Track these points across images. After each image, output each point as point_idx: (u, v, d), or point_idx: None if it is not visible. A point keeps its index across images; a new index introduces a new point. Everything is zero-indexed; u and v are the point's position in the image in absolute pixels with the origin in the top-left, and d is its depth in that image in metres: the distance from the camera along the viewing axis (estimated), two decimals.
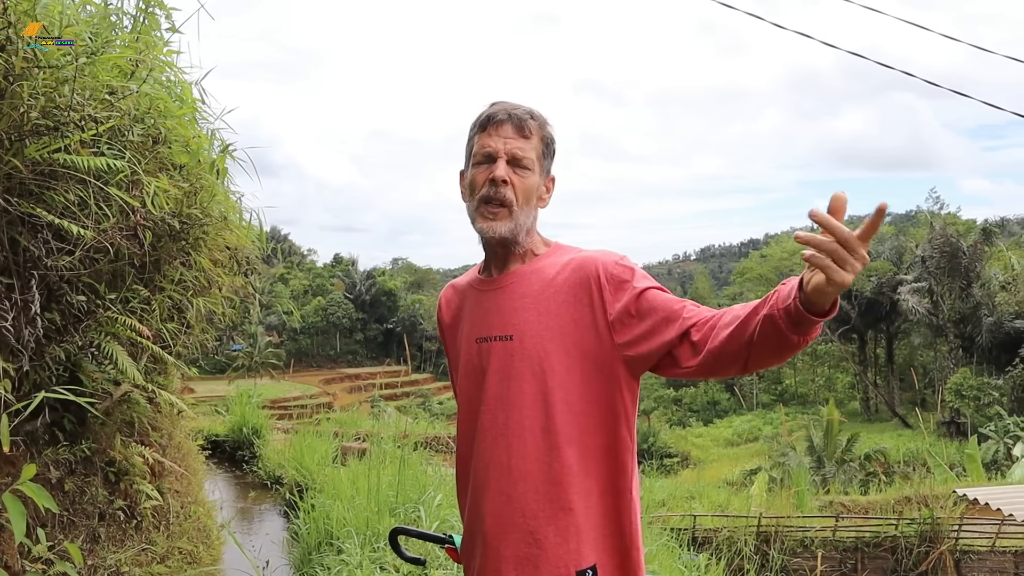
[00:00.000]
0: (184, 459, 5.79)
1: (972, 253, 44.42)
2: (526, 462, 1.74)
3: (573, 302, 1.74)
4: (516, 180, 1.78)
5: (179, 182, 3.57)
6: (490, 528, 1.78)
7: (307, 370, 69.91)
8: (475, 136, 1.84)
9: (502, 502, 1.76)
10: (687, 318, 1.63)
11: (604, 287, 1.71)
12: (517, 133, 1.79)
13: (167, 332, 4.09)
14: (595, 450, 1.73)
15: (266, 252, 5.48)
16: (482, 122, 1.82)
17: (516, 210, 1.78)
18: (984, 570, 13.00)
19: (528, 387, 1.74)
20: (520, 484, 1.74)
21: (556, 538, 1.71)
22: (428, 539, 2.31)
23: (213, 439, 9.29)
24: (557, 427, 1.72)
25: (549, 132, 1.86)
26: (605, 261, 1.75)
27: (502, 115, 1.79)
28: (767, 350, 1.48)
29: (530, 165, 1.80)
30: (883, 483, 20.66)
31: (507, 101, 1.85)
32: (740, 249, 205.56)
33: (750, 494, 16.72)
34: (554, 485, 1.72)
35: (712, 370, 1.61)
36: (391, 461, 6.13)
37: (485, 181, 1.79)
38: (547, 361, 1.73)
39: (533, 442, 1.73)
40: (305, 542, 5.37)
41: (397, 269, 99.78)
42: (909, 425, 46.07)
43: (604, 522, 1.74)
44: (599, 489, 1.73)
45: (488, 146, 1.79)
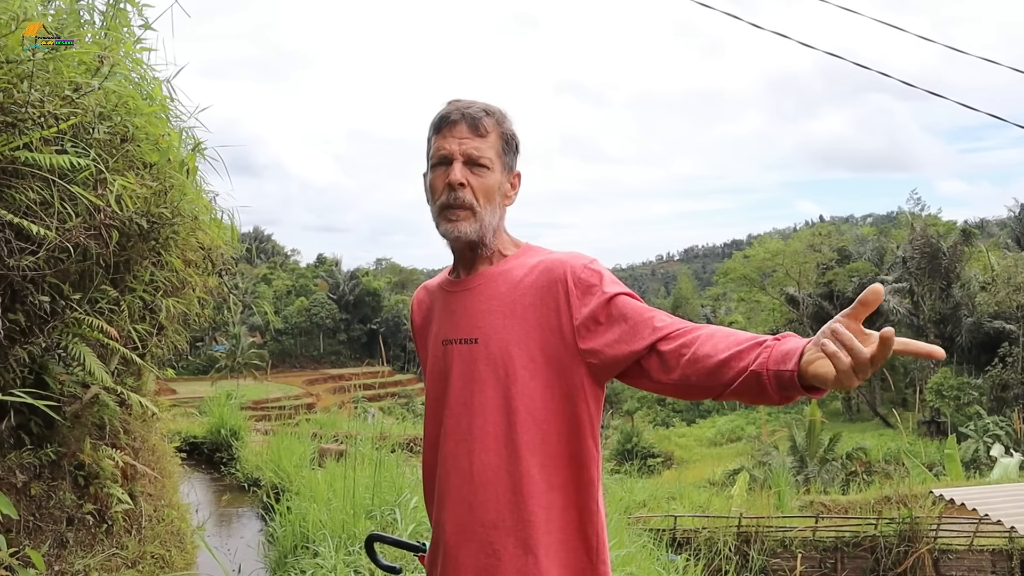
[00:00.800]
0: (158, 462, 5.71)
1: (952, 254, 44.88)
2: (487, 470, 1.69)
3: (539, 305, 1.69)
4: (474, 181, 1.73)
5: (148, 181, 3.51)
6: (450, 536, 1.74)
7: (290, 371, 69.65)
8: (431, 138, 1.79)
9: (463, 510, 1.72)
10: (658, 328, 1.58)
11: (571, 291, 1.66)
12: (472, 132, 1.74)
13: (138, 333, 4.03)
14: (558, 460, 1.69)
15: (240, 253, 5.41)
16: (436, 123, 1.78)
17: (479, 211, 1.73)
18: (962, 569, 13.10)
19: (491, 392, 1.70)
20: (481, 492, 1.70)
21: (515, 550, 1.66)
22: (402, 546, 2.27)
23: (191, 441, 9.21)
24: (519, 435, 1.67)
25: (508, 127, 1.80)
26: (574, 264, 1.69)
27: (455, 115, 1.74)
28: (743, 397, 1.45)
29: (488, 164, 1.74)
30: (864, 482, 20.77)
31: (462, 99, 1.80)
32: (723, 250, 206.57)
33: (731, 494, 16.78)
34: (515, 495, 1.67)
35: (683, 394, 1.58)
36: (368, 463, 6.08)
37: (444, 186, 1.74)
38: (511, 366, 1.69)
39: (495, 450, 1.69)
40: (281, 545, 5.32)
41: (381, 269, 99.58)
42: (890, 424, 46.40)
43: (566, 536, 1.69)
44: (562, 501, 1.69)
45: (443, 148, 1.74)
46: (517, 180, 1.85)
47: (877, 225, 77.03)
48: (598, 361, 1.65)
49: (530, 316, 1.70)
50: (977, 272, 45.14)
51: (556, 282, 1.68)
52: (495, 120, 1.77)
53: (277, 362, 65.75)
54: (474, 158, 1.73)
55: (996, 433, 32.54)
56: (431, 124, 1.80)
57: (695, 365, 1.50)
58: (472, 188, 1.73)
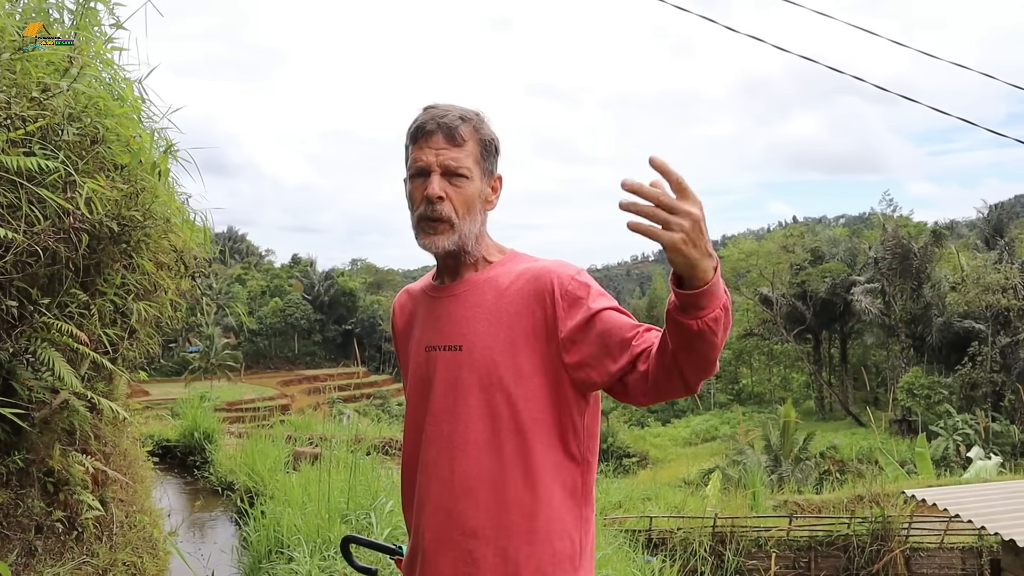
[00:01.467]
0: (130, 467, 5.64)
1: (923, 255, 45.48)
2: (469, 478, 1.68)
3: (526, 314, 1.68)
4: (453, 192, 1.71)
5: (118, 183, 3.46)
6: (429, 544, 1.72)
7: (265, 372, 69.16)
8: (408, 147, 1.77)
9: (443, 518, 1.70)
10: (636, 346, 1.58)
11: (558, 303, 1.65)
12: (449, 143, 1.71)
13: (109, 337, 3.97)
14: (541, 469, 1.67)
15: (213, 254, 5.35)
16: (412, 133, 1.75)
17: (457, 222, 1.71)
18: (933, 567, 13.30)
19: (475, 400, 1.69)
20: (462, 500, 1.68)
21: (495, 559, 1.65)
22: (379, 549, 2.26)
23: (164, 444, 9.10)
24: (502, 443, 1.66)
25: (487, 132, 1.78)
26: (561, 275, 1.68)
27: (431, 125, 1.71)
28: (683, 350, 1.43)
29: (467, 173, 1.72)
30: (837, 481, 20.98)
31: (439, 105, 1.77)
32: None
33: (705, 494, 16.87)
34: (497, 504, 1.66)
35: (658, 394, 1.56)
36: (343, 466, 6.04)
37: (421, 198, 1.72)
38: (496, 374, 1.68)
39: (477, 457, 1.67)
40: (255, 550, 5.27)
41: (356, 270, 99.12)
42: (862, 423, 46.98)
43: (548, 546, 1.67)
44: (546, 510, 1.67)
45: (420, 160, 1.72)
46: (498, 183, 1.83)
47: (849, 226, 77.88)
48: (582, 377, 1.65)
49: (516, 325, 1.69)
50: (947, 273, 45.77)
51: (543, 292, 1.68)
52: (472, 127, 1.75)
53: (251, 363, 65.26)
54: (452, 169, 1.70)
55: (965, 432, 33.04)
56: (408, 132, 1.77)
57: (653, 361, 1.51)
58: (451, 200, 1.71)
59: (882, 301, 46.97)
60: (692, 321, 1.38)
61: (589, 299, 1.65)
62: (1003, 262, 41.26)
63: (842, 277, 50.93)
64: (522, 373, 1.68)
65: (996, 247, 45.32)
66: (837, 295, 50.78)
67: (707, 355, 1.44)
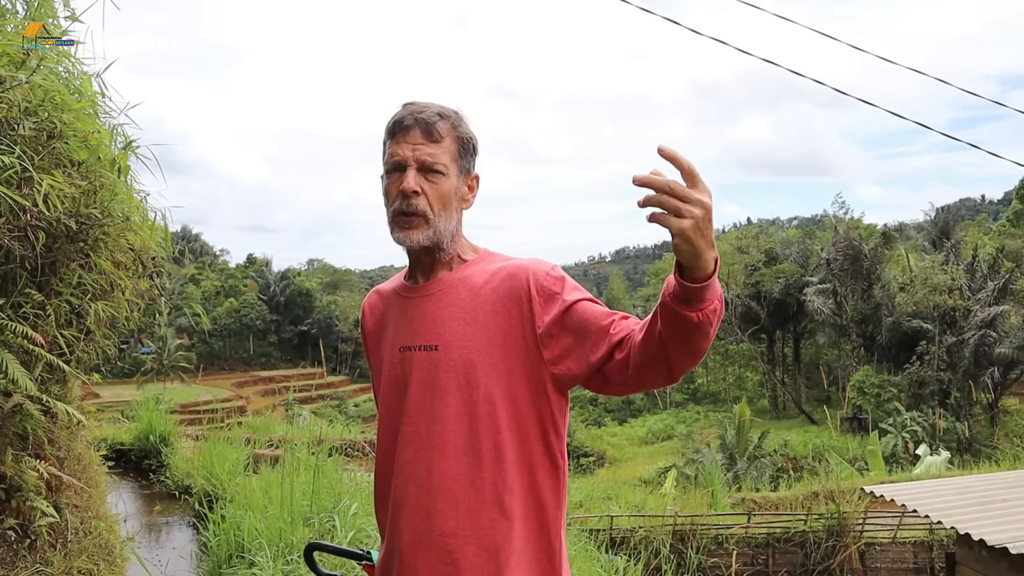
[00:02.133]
0: (84, 471, 5.49)
1: (873, 256, 46.42)
2: (447, 478, 1.67)
3: (502, 313, 1.69)
4: (428, 188, 1.71)
5: (76, 180, 3.37)
6: (407, 546, 1.71)
7: (219, 373, 68.07)
8: (386, 142, 1.76)
9: (421, 518, 1.69)
10: (613, 335, 1.59)
11: (534, 299, 1.66)
12: (426, 138, 1.71)
13: (65, 339, 3.86)
14: (520, 467, 1.68)
15: (172, 254, 5.24)
16: (390, 128, 1.75)
17: (432, 218, 1.71)
18: (886, 561, 13.65)
19: (452, 400, 1.68)
20: (440, 500, 1.67)
21: (476, 559, 1.65)
22: (345, 555, 2.22)
23: (118, 448, 8.89)
24: (480, 443, 1.66)
25: (464, 130, 1.78)
26: (536, 271, 1.70)
27: (409, 120, 1.72)
28: (677, 341, 1.44)
29: (443, 170, 1.72)
30: (792, 478, 21.35)
31: (418, 102, 1.77)
32: (654, 251, 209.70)
33: (664, 492, 17.03)
34: (476, 503, 1.65)
35: (640, 382, 1.57)
36: (305, 469, 5.96)
37: (397, 193, 1.72)
38: (472, 373, 1.67)
39: (455, 457, 1.67)
40: (215, 555, 5.16)
41: (313, 270, 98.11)
42: (815, 421, 47.84)
43: (528, 544, 1.68)
44: (523, 509, 1.68)
45: (397, 154, 1.72)
46: (475, 183, 1.83)
47: (802, 228, 79.25)
48: (562, 370, 1.66)
49: (492, 323, 1.69)
50: (896, 274, 46.83)
51: (519, 289, 1.68)
52: (450, 124, 1.75)
53: (205, 364, 64.15)
54: (428, 164, 1.70)
55: (914, 429, 33.85)
56: (386, 127, 1.76)
57: (636, 349, 1.52)
58: (426, 195, 1.71)
59: (834, 301, 47.84)
60: (693, 313, 1.38)
61: (564, 292, 1.67)
62: (949, 263, 42.32)
63: (795, 278, 51.78)
64: (499, 372, 1.68)
65: (943, 249, 46.50)
66: (790, 295, 51.64)
67: (700, 345, 1.45)
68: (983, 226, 78.11)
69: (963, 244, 47.90)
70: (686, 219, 1.28)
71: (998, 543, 7.08)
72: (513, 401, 1.67)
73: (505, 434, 1.67)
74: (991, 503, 8.03)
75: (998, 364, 38.55)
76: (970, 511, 7.87)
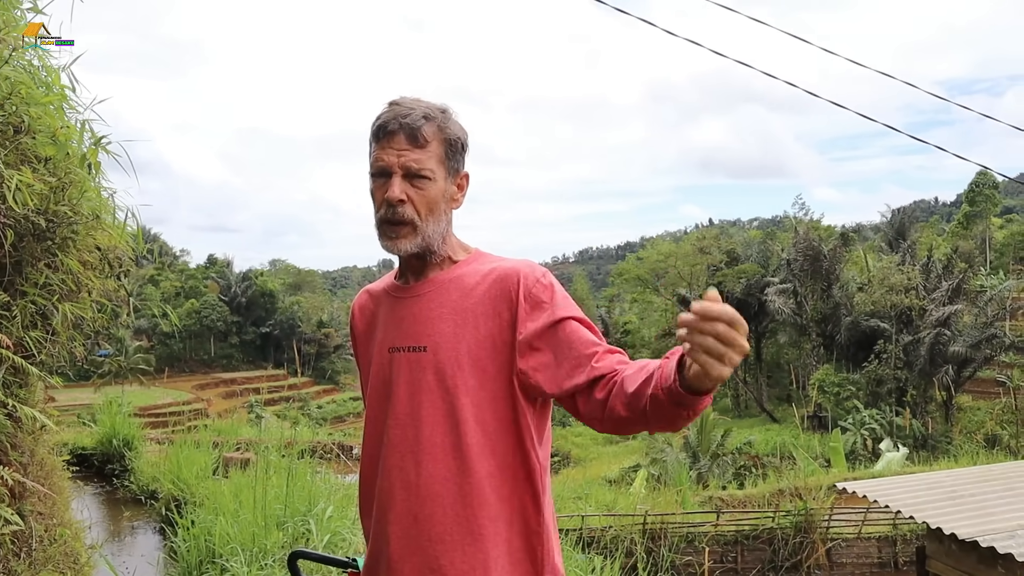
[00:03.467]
0: (48, 477, 5.34)
1: (832, 257, 47.10)
2: (434, 482, 1.64)
3: (492, 315, 1.66)
4: (415, 195, 1.67)
5: (45, 176, 3.26)
6: (395, 551, 1.68)
7: (179, 375, 67.02)
8: (371, 144, 1.72)
9: (408, 523, 1.66)
10: (595, 368, 1.57)
11: (520, 304, 1.64)
12: (411, 144, 1.66)
13: (30, 340, 3.74)
14: (507, 472, 1.66)
15: (141, 253, 5.11)
16: (375, 131, 1.70)
17: (420, 225, 1.68)
18: (852, 556, 13.90)
19: (440, 402, 1.65)
20: (427, 505, 1.65)
21: (463, 565, 1.62)
22: (331, 563, 2.18)
23: (80, 453, 8.67)
24: (468, 447, 1.63)
25: (452, 131, 1.73)
26: (527, 275, 1.67)
27: (393, 125, 1.66)
28: (663, 422, 1.45)
29: (430, 175, 1.68)
30: (756, 476, 21.60)
31: (403, 102, 1.71)
32: (617, 252, 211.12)
33: (632, 491, 17.11)
34: (464, 508, 1.63)
35: (615, 430, 1.57)
36: (277, 472, 5.87)
37: (382, 200, 1.68)
38: (460, 376, 1.65)
39: (443, 461, 1.64)
40: (185, 561, 5.05)
41: (276, 270, 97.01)
42: (776, 420, 48.48)
43: (513, 550, 1.66)
44: (510, 514, 1.66)
45: (381, 160, 1.67)
46: (465, 181, 1.80)
47: (763, 228, 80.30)
48: (530, 382, 1.64)
49: (481, 326, 1.66)
50: (855, 274, 47.61)
51: (509, 292, 1.66)
52: (436, 126, 1.70)
53: (165, 366, 63.10)
54: (414, 171, 1.66)
55: (872, 426, 34.47)
56: (371, 129, 1.71)
57: (619, 402, 1.49)
58: (413, 202, 1.67)
59: (794, 301, 48.47)
60: (685, 411, 1.39)
61: (552, 304, 1.64)
62: (906, 264, 43.16)
63: (756, 278, 52.37)
64: (487, 376, 1.65)
65: (899, 249, 47.42)
66: (752, 295, 52.22)
67: (683, 424, 1.46)
68: (937, 227, 79.97)
69: (918, 245, 48.91)
70: (727, 367, 1.24)
71: (968, 537, 7.23)
72: (498, 406, 1.66)
73: (492, 437, 1.65)
74: (960, 498, 8.20)
75: (952, 362, 39.34)
76: (940, 506, 8.03)
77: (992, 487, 8.59)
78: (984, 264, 60.05)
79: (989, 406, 40.24)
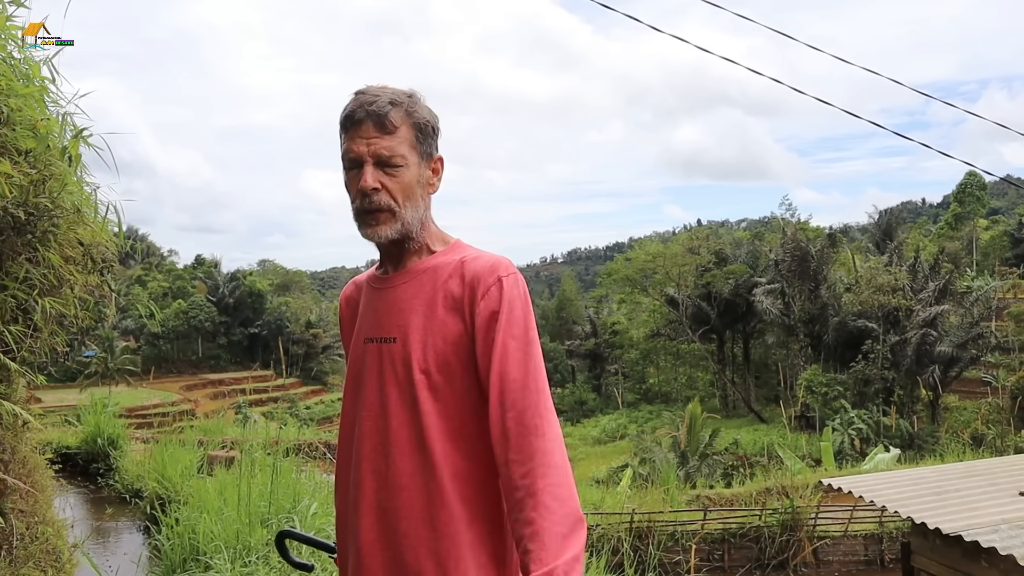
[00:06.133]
0: (30, 475, 5.29)
1: (819, 257, 47.30)
2: (402, 475, 1.63)
3: (458, 311, 1.64)
4: (389, 182, 1.65)
5: (25, 168, 3.23)
6: (364, 542, 1.67)
7: (167, 376, 66.63)
8: (341, 136, 1.70)
9: (378, 515, 1.65)
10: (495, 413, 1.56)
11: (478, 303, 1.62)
12: (379, 131, 1.64)
13: (11, 335, 3.70)
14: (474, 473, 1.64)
15: (124, 249, 5.07)
16: (343, 122, 1.68)
17: (399, 211, 1.66)
18: (838, 553, 13.98)
19: (407, 396, 1.64)
20: (396, 498, 1.64)
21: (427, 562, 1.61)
22: (316, 545, 2.18)
23: (64, 452, 8.60)
24: (432, 442, 1.61)
25: (420, 115, 1.70)
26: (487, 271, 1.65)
27: (360, 113, 1.64)
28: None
29: (401, 161, 1.66)
30: (744, 475, 21.65)
31: (368, 91, 1.69)
32: (605, 252, 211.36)
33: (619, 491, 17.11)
34: (429, 505, 1.61)
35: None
36: (261, 470, 5.84)
37: (357, 191, 1.66)
38: (426, 370, 1.63)
39: (410, 456, 1.63)
40: (169, 559, 5.02)
41: (264, 271, 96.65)
42: (764, 420, 48.65)
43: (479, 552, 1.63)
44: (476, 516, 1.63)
45: (352, 150, 1.66)
46: (439, 164, 1.77)
47: (751, 229, 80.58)
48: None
49: (449, 321, 1.64)
50: (842, 275, 47.82)
51: (474, 288, 1.63)
52: (404, 111, 1.67)
53: (152, 367, 62.71)
54: (385, 159, 1.64)
55: (860, 426, 34.63)
56: (340, 121, 1.69)
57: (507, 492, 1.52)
58: (388, 189, 1.65)
59: (782, 302, 48.63)
60: None
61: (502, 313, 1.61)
62: (893, 264, 43.40)
63: (744, 278, 52.52)
64: (453, 370, 1.64)
65: (886, 250, 47.70)
66: (740, 296, 52.38)
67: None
68: (923, 228, 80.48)
69: (905, 246, 49.20)
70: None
71: (952, 532, 7.28)
72: (464, 402, 1.64)
73: (455, 434, 1.63)
74: (945, 493, 8.27)
75: (939, 362, 39.58)
76: (925, 501, 8.09)
77: (976, 482, 8.66)
78: (971, 265, 60.47)
79: (975, 406, 40.51)
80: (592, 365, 67.89)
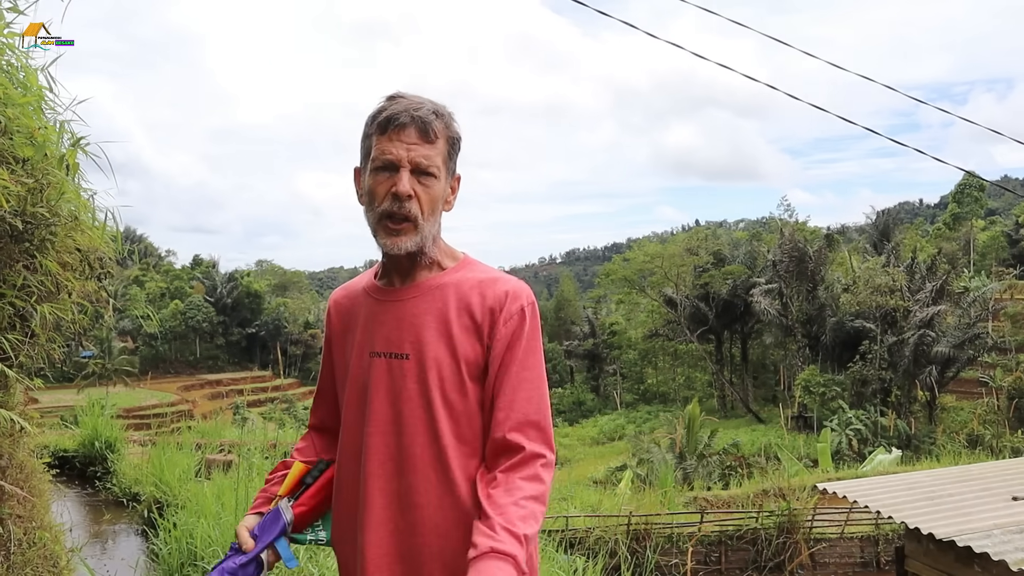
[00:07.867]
0: (27, 480, 5.29)
1: (817, 258, 47.35)
2: (416, 494, 1.62)
3: (474, 329, 1.65)
4: (421, 192, 1.64)
5: (23, 177, 3.24)
6: (371, 558, 1.64)
7: (164, 377, 66.60)
8: (373, 137, 1.66)
9: (386, 532, 1.64)
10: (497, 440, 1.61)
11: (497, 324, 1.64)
12: (422, 138, 1.63)
13: (9, 342, 3.71)
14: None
15: (122, 254, 5.08)
16: (382, 123, 1.64)
17: (422, 223, 1.65)
18: (834, 556, 14.02)
19: (421, 412, 1.63)
20: (408, 515, 1.63)
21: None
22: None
23: (61, 455, 8.58)
24: (449, 459, 1.62)
25: (456, 130, 1.71)
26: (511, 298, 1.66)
27: (404, 117, 1.62)
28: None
29: (436, 172, 1.65)
30: (741, 476, 21.66)
31: (408, 96, 1.67)
32: (604, 253, 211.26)
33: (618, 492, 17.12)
34: (444, 522, 1.62)
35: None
36: (259, 473, 5.84)
37: (387, 194, 1.63)
38: (442, 388, 1.63)
39: (424, 473, 1.62)
40: (166, 563, 5.02)
41: (262, 271, 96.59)
42: (762, 420, 48.68)
43: None
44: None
45: (390, 153, 1.62)
46: (457, 183, 1.77)
47: (749, 230, 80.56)
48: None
49: (466, 341, 1.65)
50: (840, 275, 47.85)
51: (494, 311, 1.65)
52: (444, 123, 1.67)
53: (150, 368, 62.68)
54: (423, 167, 1.63)
55: (857, 427, 34.65)
56: (375, 121, 1.66)
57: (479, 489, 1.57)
58: (419, 199, 1.63)
59: (780, 302, 48.66)
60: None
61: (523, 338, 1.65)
62: (890, 265, 43.45)
63: (743, 279, 52.55)
64: (467, 390, 1.64)
65: (884, 251, 47.74)
66: (738, 296, 52.42)
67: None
68: (920, 229, 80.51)
69: (902, 247, 49.25)
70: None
71: (945, 536, 7.31)
72: (478, 420, 1.65)
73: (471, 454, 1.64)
74: (938, 498, 8.30)
75: (936, 362, 39.63)
76: (918, 506, 8.12)
77: (970, 487, 8.69)
78: (968, 266, 60.52)
79: (972, 406, 40.55)
80: (590, 365, 67.93)
